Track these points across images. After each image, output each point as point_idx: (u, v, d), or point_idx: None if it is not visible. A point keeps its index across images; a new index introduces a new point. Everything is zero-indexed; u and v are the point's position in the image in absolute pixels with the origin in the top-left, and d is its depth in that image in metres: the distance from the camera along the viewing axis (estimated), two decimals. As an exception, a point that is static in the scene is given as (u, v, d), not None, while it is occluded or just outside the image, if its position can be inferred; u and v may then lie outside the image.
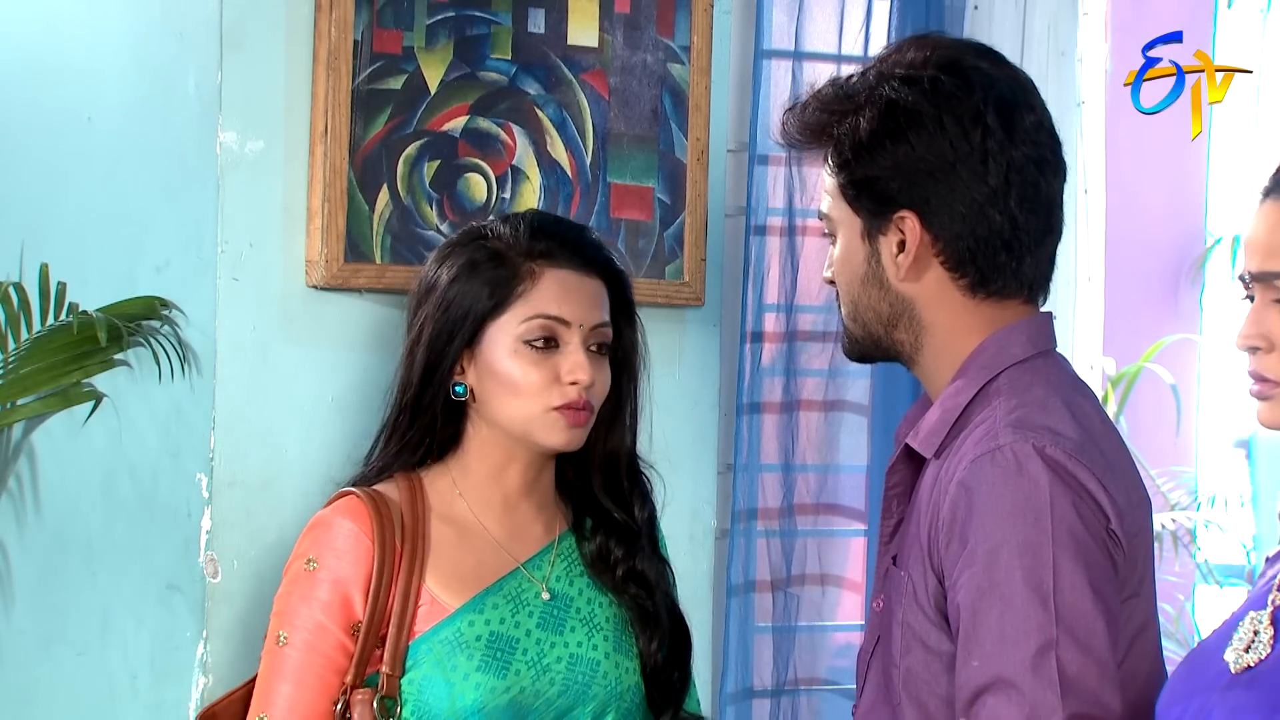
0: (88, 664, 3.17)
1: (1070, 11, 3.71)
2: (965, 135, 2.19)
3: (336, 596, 2.40)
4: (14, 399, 3.18)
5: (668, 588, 2.57)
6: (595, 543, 2.53)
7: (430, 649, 2.41)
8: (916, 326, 2.23)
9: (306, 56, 2.97)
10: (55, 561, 3.26)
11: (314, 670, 2.39)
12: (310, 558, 2.42)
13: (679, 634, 2.55)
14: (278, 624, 2.42)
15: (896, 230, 2.20)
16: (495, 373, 2.45)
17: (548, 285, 2.46)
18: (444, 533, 2.46)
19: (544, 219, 2.53)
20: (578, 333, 2.45)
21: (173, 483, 3.01)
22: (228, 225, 2.94)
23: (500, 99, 3.10)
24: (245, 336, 2.95)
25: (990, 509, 2.08)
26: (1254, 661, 1.91)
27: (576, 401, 2.44)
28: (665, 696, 2.52)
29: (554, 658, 2.45)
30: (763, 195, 3.39)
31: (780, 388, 3.41)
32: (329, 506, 2.47)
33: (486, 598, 2.44)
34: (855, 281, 2.24)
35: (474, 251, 2.48)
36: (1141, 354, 4.83)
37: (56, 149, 3.30)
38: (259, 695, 2.42)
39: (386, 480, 2.49)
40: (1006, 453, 2.09)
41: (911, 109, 2.19)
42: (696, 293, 3.26)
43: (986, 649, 2.05)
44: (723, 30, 3.31)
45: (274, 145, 2.96)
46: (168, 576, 3.01)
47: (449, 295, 2.46)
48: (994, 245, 2.21)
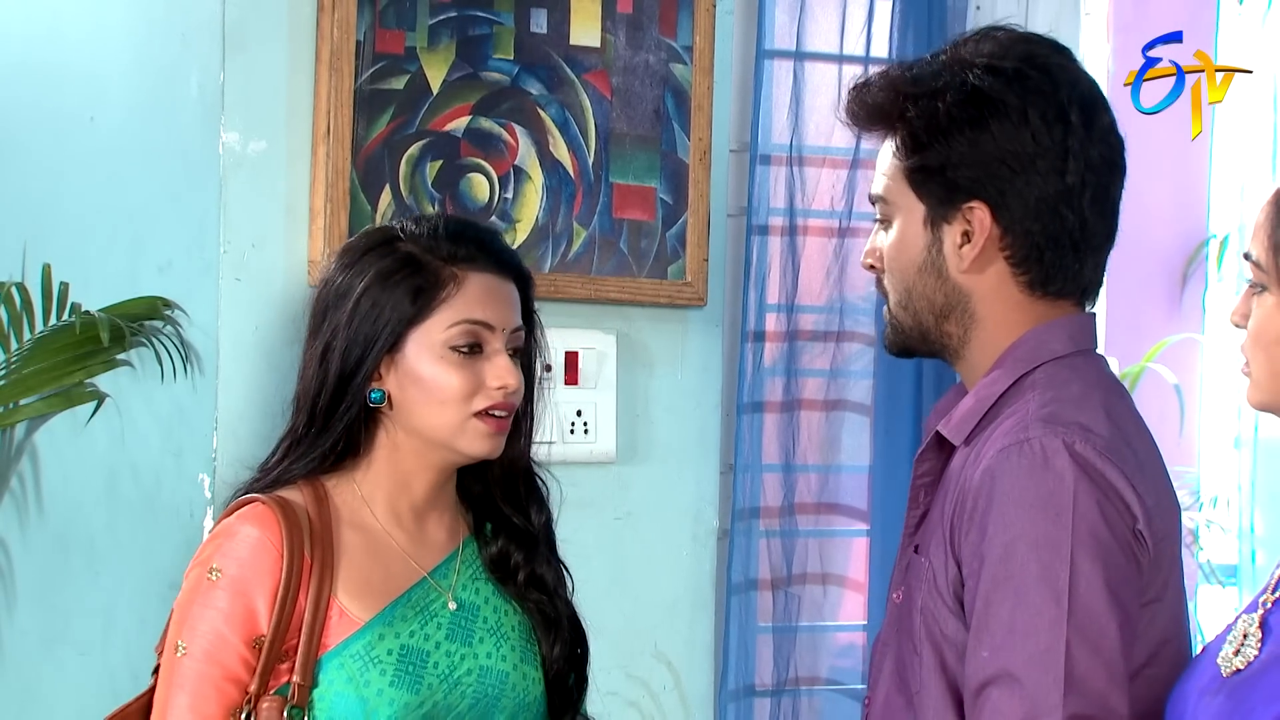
0: (90, 664, 3.18)
1: (1072, 11, 3.71)
2: (1049, 130, 2.18)
3: (239, 607, 2.33)
4: (17, 399, 3.18)
5: (565, 592, 2.53)
6: (496, 547, 2.50)
7: (341, 663, 2.35)
8: (968, 319, 2.22)
9: (309, 57, 2.97)
10: (58, 561, 3.26)
11: (211, 681, 2.32)
12: (214, 566, 2.34)
13: (577, 638, 2.52)
14: (176, 633, 2.36)
15: (964, 220, 2.19)
16: (418, 379, 2.40)
17: (471, 289, 2.40)
18: (353, 541, 2.41)
19: (459, 222, 2.48)
20: (500, 337, 2.41)
21: (175, 483, 3.01)
22: (230, 225, 2.95)
23: (502, 99, 3.10)
24: (248, 336, 2.95)
25: (1012, 500, 2.08)
26: (1242, 665, 1.91)
27: (500, 405, 2.40)
28: (564, 701, 2.49)
29: (464, 670, 2.41)
30: (764, 195, 3.39)
31: (781, 387, 3.41)
32: (234, 514, 2.39)
33: (395, 609, 2.39)
34: (910, 269, 2.22)
35: (389, 256, 2.41)
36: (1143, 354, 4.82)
37: (59, 149, 3.31)
38: (157, 706, 2.36)
39: (289, 486, 2.42)
40: (1035, 445, 2.09)
41: (996, 98, 2.17)
42: (699, 293, 3.26)
43: (996, 641, 2.05)
44: (725, 30, 3.31)
45: (276, 145, 2.96)
46: (170, 577, 3.01)
47: (368, 300, 2.39)
48: (1063, 244, 2.21)
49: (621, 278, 3.19)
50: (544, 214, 3.13)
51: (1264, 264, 1.95)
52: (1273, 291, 1.95)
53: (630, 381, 3.24)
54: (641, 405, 3.25)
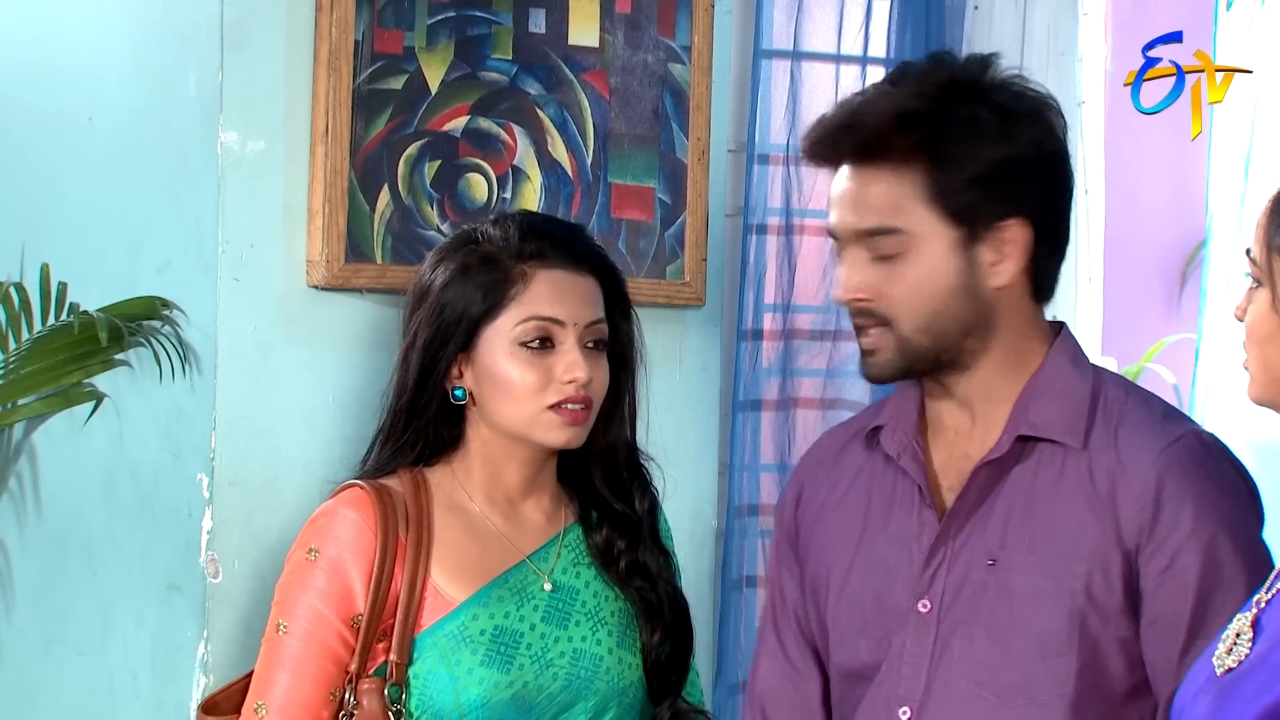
0: (88, 664, 3.18)
1: (1070, 12, 3.71)
2: (1054, 137, 2.21)
3: (337, 586, 2.41)
4: (15, 399, 3.18)
5: (670, 578, 2.57)
6: (601, 535, 2.54)
7: (435, 643, 2.41)
8: (987, 332, 2.23)
9: (307, 57, 2.97)
10: (56, 561, 3.26)
11: (312, 659, 2.40)
12: (312, 547, 2.43)
13: (681, 625, 2.56)
14: (278, 613, 2.43)
15: (998, 238, 2.19)
16: (492, 375, 2.46)
17: (540, 286, 2.46)
18: (448, 523, 2.47)
19: (534, 219, 2.54)
20: (572, 332, 2.46)
21: (173, 483, 3.01)
22: (229, 225, 2.94)
23: (501, 99, 3.10)
24: (246, 336, 2.95)
25: (1211, 495, 2.17)
26: (1234, 664, 1.91)
27: (574, 398, 2.45)
28: (664, 688, 2.53)
29: (557, 652, 2.46)
30: (761, 195, 3.39)
31: (778, 387, 3.41)
32: (333, 497, 2.48)
33: (491, 591, 2.45)
34: (939, 295, 2.19)
35: (466, 255, 2.48)
36: (1142, 354, 4.82)
37: (57, 149, 3.31)
38: (257, 683, 2.43)
39: (389, 475, 2.50)
40: (1189, 441, 2.19)
41: (1014, 110, 2.18)
42: (698, 292, 3.26)
43: (1214, 630, 2.08)
44: (723, 30, 3.31)
45: (275, 145, 2.96)
46: (168, 577, 3.01)
47: (442, 300, 2.47)
48: (1064, 248, 2.26)
49: (620, 278, 3.19)
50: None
51: (1260, 262, 1.96)
52: (1267, 289, 1.96)
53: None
54: (640, 404, 3.25)
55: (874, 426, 2.34)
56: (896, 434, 2.30)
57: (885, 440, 2.31)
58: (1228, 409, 3.90)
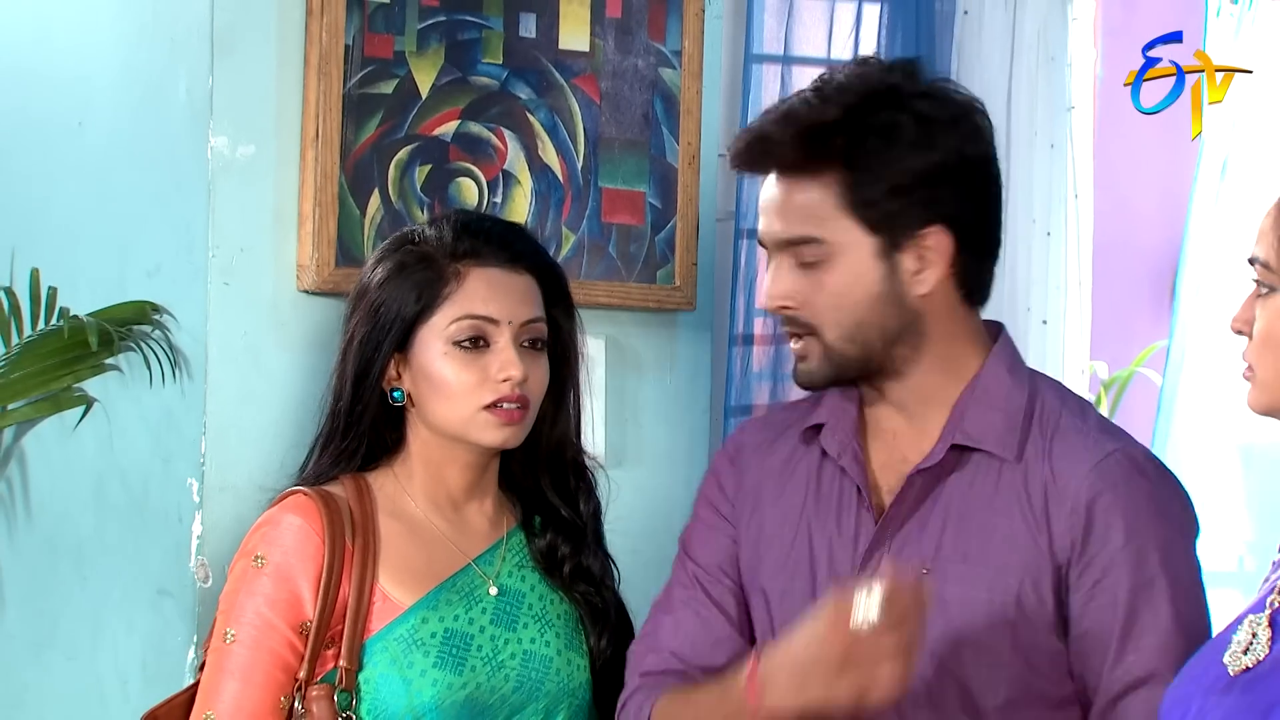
0: (78, 669, 3.17)
1: (1060, 16, 3.71)
2: (979, 141, 2.20)
3: (284, 593, 2.40)
4: (4, 404, 3.18)
5: (613, 583, 2.57)
6: (545, 540, 2.53)
7: (385, 647, 2.40)
8: (917, 338, 2.22)
9: (297, 61, 2.97)
10: (46, 566, 3.26)
11: (261, 667, 2.38)
12: (258, 554, 2.42)
13: (624, 629, 2.55)
14: (224, 621, 2.41)
15: (920, 245, 2.18)
16: (428, 376, 2.45)
17: (474, 285, 2.45)
18: (393, 529, 2.46)
19: (470, 218, 2.53)
20: (507, 330, 2.45)
21: (164, 487, 3.01)
22: (219, 230, 2.94)
23: (491, 104, 3.10)
24: (236, 341, 2.95)
25: (1141, 510, 2.17)
26: (1252, 663, 1.92)
27: (509, 397, 2.43)
28: (612, 691, 2.50)
29: (508, 654, 2.45)
30: (752, 199, 3.39)
31: (768, 391, 3.41)
32: (276, 504, 2.47)
33: (439, 594, 2.44)
34: (862, 303, 2.19)
35: (403, 255, 2.47)
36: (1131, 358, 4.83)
37: (47, 154, 3.30)
38: (205, 692, 2.41)
39: (331, 481, 2.48)
40: (1120, 458, 2.18)
41: (933, 117, 2.16)
42: (688, 297, 3.26)
43: (1144, 644, 2.12)
44: (713, 35, 3.31)
45: (265, 150, 2.96)
46: (159, 581, 3.01)
47: (378, 299, 2.46)
48: (994, 252, 2.24)
49: (610, 282, 3.19)
50: (533, 218, 3.12)
51: (1273, 265, 1.94)
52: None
53: (619, 386, 3.24)
54: (630, 409, 3.25)
55: (812, 424, 2.33)
56: (837, 433, 2.29)
57: (825, 439, 2.30)
58: (1207, 413, 3.90)
